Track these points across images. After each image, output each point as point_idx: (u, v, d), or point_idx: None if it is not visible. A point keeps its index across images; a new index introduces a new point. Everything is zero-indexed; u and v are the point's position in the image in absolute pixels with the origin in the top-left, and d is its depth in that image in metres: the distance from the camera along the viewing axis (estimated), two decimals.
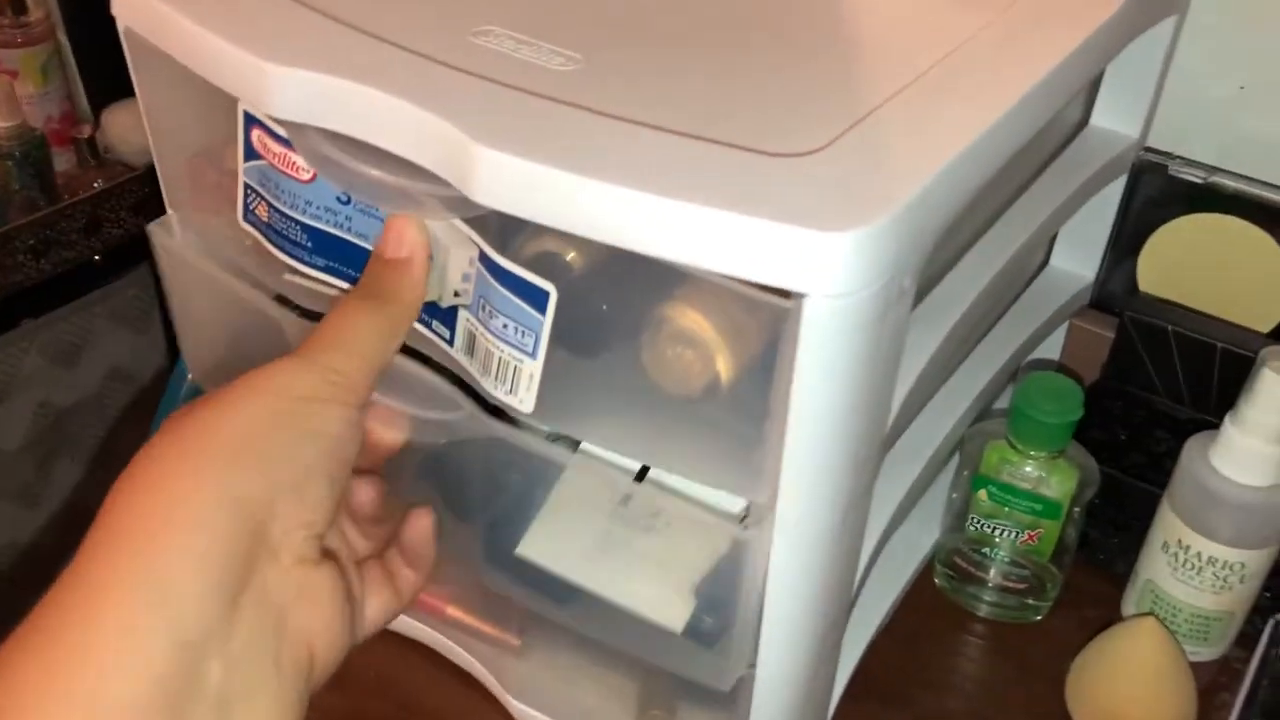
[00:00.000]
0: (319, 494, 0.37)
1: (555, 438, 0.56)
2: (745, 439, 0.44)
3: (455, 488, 0.52)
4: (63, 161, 1.11)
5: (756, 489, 0.45)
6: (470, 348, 0.48)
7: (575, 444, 0.50)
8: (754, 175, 0.39)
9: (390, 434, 0.45)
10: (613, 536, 0.48)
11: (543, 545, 0.50)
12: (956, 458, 0.66)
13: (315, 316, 0.58)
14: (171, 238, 0.59)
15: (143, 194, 1.10)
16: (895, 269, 0.39)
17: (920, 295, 0.50)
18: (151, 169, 1.14)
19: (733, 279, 0.39)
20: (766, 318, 0.40)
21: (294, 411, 0.37)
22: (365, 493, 0.43)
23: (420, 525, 0.45)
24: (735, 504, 0.48)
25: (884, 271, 0.38)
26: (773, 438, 0.43)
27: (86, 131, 1.11)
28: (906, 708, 0.63)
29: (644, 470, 0.49)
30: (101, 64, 1.13)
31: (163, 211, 0.62)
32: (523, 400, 0.47)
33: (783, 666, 0.49)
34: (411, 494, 0.47)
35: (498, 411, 0.56)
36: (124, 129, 1.10)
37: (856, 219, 0.37)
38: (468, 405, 0.46)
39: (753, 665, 0.49)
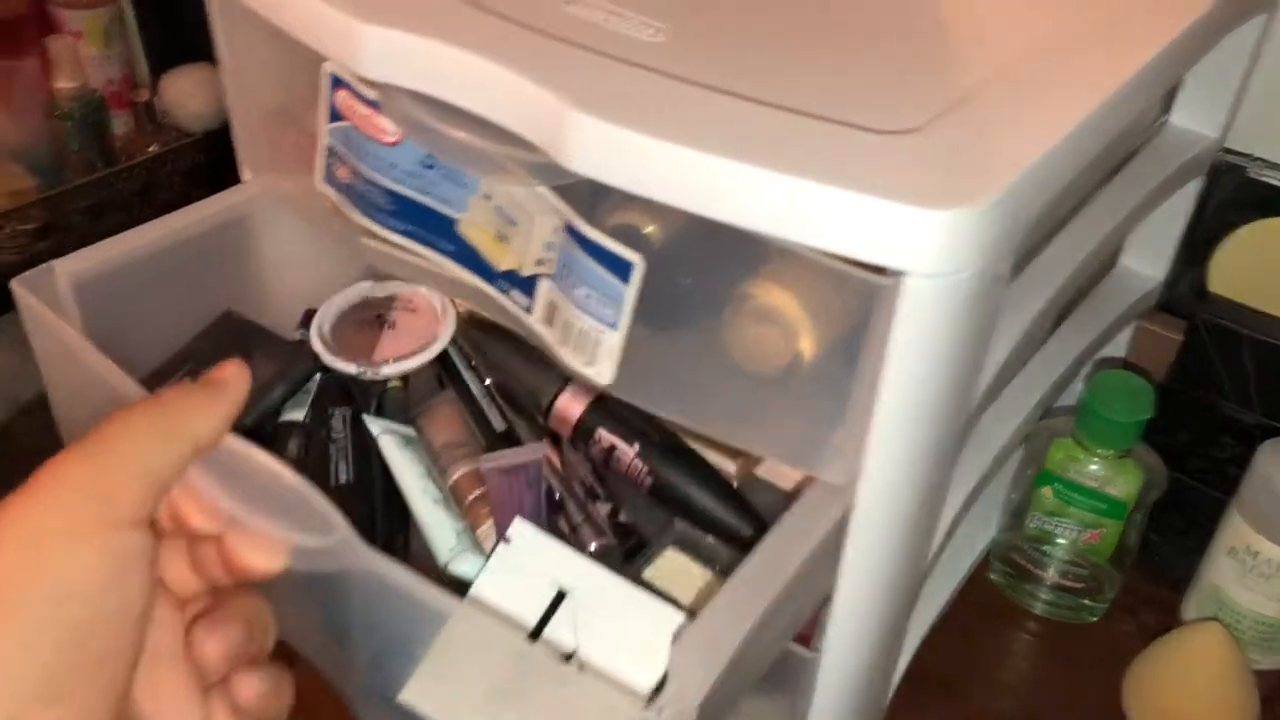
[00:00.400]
0: (89, 695, 0.30)
1: (448, 570, 0.48)
2: (826, 419, 0.44)
3: (336, 613, 0.44)
4: (119, 125, 1.12)
5: (835, 470, 0.44)
6: (549, 317, 0.48)
7: (465, 588, 0.44)
8: (854, 150, 0.38)
9: (256, 558, 0.36)
10: (509, 690, 0.41)
11: (428, 693, 0.43)
12: (1017, 455, 0.66)
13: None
14: (37, 295, 0.51)
15: (198, 160, 1.10)
16: (996, 251, 0.38)
17: None
18: (208, 135, 1.15)
19: (827, 255, 0.39)
20: (861, 296, 0.40)
21: (41, 566, 0.30)
22: (212, 646, 0.35)
23: (247, 692, 0.35)
24: (648, 676, 0.41)
25: (985, 253, 0.38)
26: (856, 419, 0.42)
27: (145, 96, 1.11)
28: (960, 702, 0.63)
29: (544, 621, 0.43)
30: (162, 29, 1.13)
31: (218, 177, 0.61)
32: (600, 371, 0.46)
33: (849, 650, 0.48)
34: (288, 613, 0.39)
35: (390, 542, 0.50)
36: (182, 95, 1.11)
37: (961, 198, 0.36)
38: (342, 528, 0.38)
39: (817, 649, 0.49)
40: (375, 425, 0.55)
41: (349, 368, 0.56)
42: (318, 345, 0.57)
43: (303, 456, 0.55)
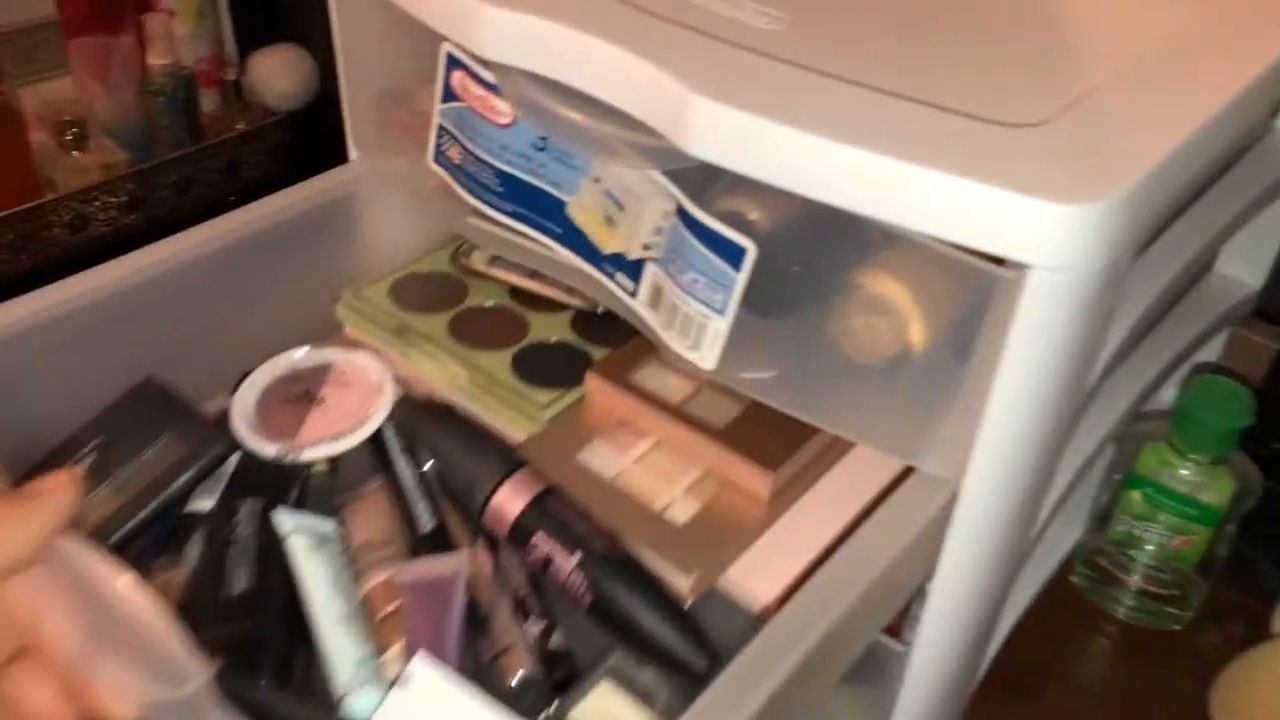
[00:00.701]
0: None
1: (341, 706, 0.42)
2: (934, 411, 0.44)
3: None
4: (207, 102, 1.14)
5: (939, 462, 0.44)
6: (654, 301, 0.48)
7: None
8: (981, 142, 0.38)
9: (107, 702, 0.32)
10: None
11: None
12: (1104, 457, 0.65)
13: None
14: None
15: (281, 139, 1.12)
16: (1121, 247, 0.38)
17: None
18: (292, 115, 1.17)
19: (946, 245, 0.39)
20: (979, 288, 0.40)
21: None
22: None
23: None
24: None
25: (1111, 249, 0.37)
26: (964, 411, 0.42)
27: (233, 74, 1.13)
28: (1038, 703, 0.63)
29: None
30: (251, 9, 1.15)
31: (300, 157, 0.62)
32: (704, 356, 0.47)
33: (941, 645, 0.48)
34: None
35: (288, 665, 0.43)
36: (269, 74, 1.13)
37: (1090, 193, 0.36)
38: (196, 680, 0.33)
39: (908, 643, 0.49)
40: (286, 522, 0.48)
41: (268, 449, 0.50)
42: (237, 422, 0.51)
43: (206, 554, 0.48)
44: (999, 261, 0.39)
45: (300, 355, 0.55)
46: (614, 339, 0.58)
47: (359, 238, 0.62)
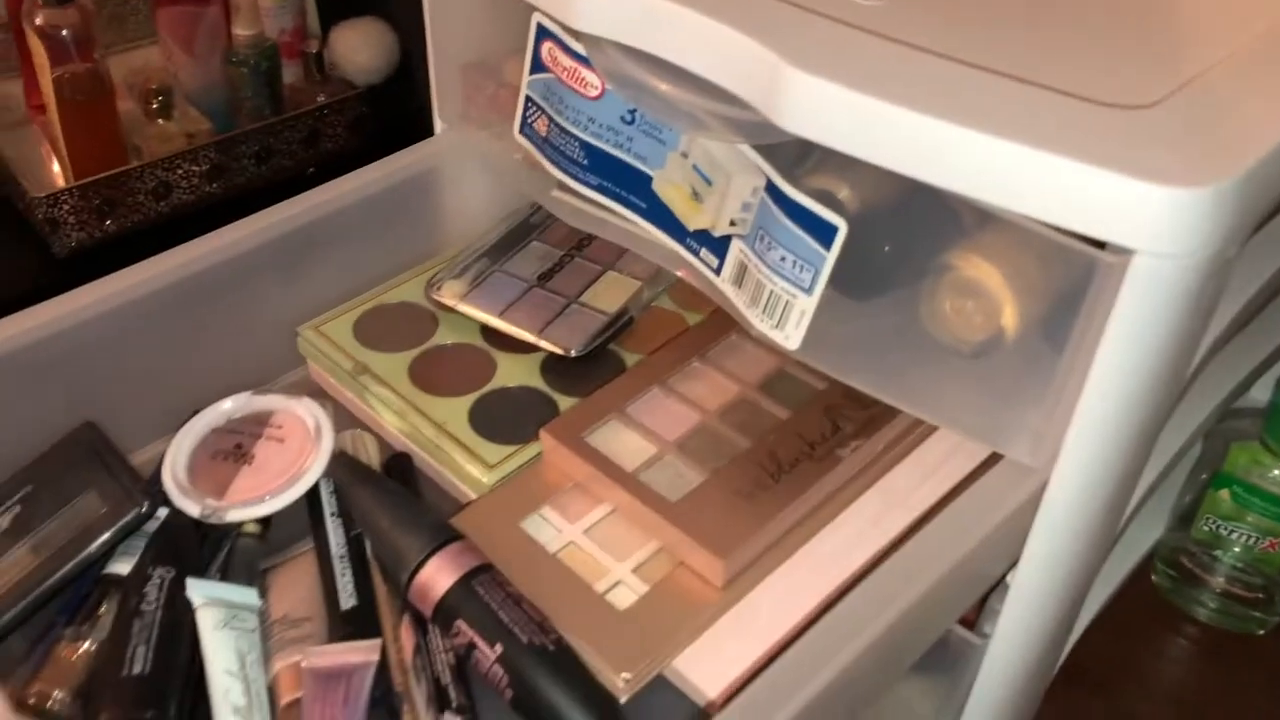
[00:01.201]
0: None
1: None
2: (1025, 398, 0.43)
3: None
4: (288, 74, 1.15)
5: (1028, 451, 0.43)
6: (739, 278, 0.48)
7: None
8: (1088, 123, 0.37)
9: None
10: None
11: None
12: (1190, 454, 0.63)
13: None
14: None
15: (360, 112, 1.13)
16: (1231, 234, 0.37)
17: None
18: (372, 89, 1.17)
19: (1045, 228, 0.38)
20: (1079, 273, 0.38)
21: None
22: None
23: None
24: None
25: (1222, 235, 0.36)
26: (1059, 399, 0.41)
27: (314, 47, 1.14)
28: (1112, 702, 0.61)
29: None
30: None
31: (379, 131, 0.62)
32: (789, 336, 0.46)
33: (1021, 638, 0.47)
34: None
35: None
36: (349, 48, 1.13)
37: (1202, 177, 0.35)
38: None
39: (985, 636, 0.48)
40: (198, 593, 0.44)
41: (193, 508, 0.47)
42: (166, 477, 0.48)
43: (114, 625, 0.44)
44: (1099, 245, 0.38)
45: (231, 405, 0.50)
46: (584, 387, 0.54)
47: (444, 212, 0.62)
